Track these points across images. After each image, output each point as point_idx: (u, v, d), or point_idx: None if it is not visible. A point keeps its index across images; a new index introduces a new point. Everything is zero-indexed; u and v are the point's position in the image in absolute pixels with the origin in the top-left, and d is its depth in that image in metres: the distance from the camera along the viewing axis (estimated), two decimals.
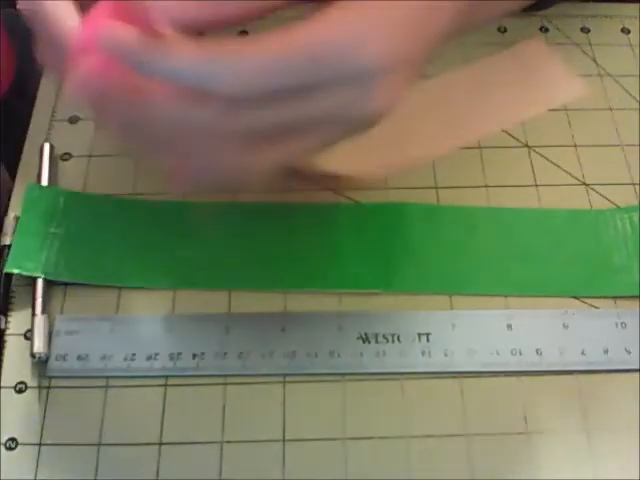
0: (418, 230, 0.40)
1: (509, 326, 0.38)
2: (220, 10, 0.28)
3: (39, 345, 0.36)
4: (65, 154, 0.43)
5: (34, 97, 0.46)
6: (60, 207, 0.40)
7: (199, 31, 0.28)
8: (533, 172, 0.43)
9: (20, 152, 0.43)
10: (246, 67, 0.26)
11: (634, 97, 0.46)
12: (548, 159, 0.43)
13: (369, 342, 0.37)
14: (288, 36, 0.26)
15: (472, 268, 0.39)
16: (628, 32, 0.49)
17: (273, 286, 0.39)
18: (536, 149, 0.43)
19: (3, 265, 0.38)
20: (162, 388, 0.36)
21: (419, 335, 0.37)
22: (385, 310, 0.38)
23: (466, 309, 0.38)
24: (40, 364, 0.36)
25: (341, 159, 0.35)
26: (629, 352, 0.37)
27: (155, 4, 0.26)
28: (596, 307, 0.38)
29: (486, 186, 0.42)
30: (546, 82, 0.44)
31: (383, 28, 0.27)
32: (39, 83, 0.46)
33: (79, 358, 0.36)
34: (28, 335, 0.37)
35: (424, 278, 0.39)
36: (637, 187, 0.42)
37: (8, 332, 0.38)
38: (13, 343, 0.37)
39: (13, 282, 0.39)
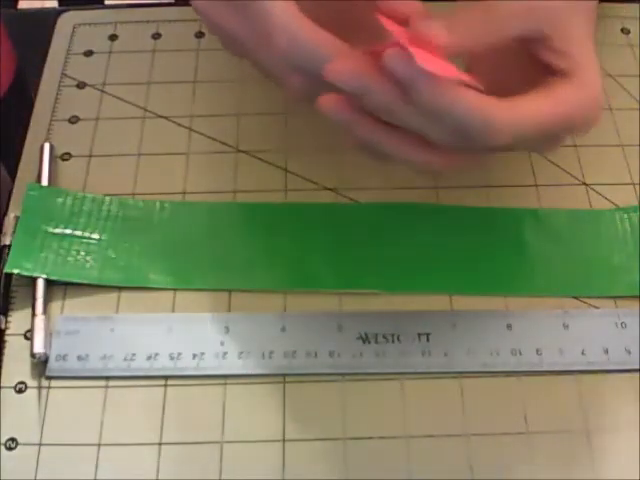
0: (418, 230, 0.40)
1: (509, 326, 0.38)
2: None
3: (39, 345, 0.36)
4: (65, 154, 0.43)
5: (34, 97, 0.46)
6: (60, 207, 0.40)
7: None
8: (533, 172, 0.43)
9: (20, 152, 0.43)
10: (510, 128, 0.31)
11: (634, 97, 0.46)
12: (548, 159, 0.43)
13: (369, 342, 0.37)
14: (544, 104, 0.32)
15: (472, 268, 0.39)
16: (628, 32, 0.49)
17: (273, 286, 0.39)
18: None
19: (3, 265, 0.38)
20: (162, 388, 0.36)
21: (419, 335, 0.37)
22: (385, 310, 0.38)
23: (466, 309, 0.38)
24: (40, 364, 0.36)
25: None
26: (629, 352, 0.37)
27: (440, 33, 0.30)
28: (596, 307, 0.38)
29: (486, 186, 0.42)
30: None
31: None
32: (39, 83, 0.46)
33: (79, 358, 0.36)
34: (28, 335, 0.37)
35: (424, 278, 0.39)
36: (637, 187, 0.42)
37: (8, 332, 0.38)
38: (13, 343, 0.37)
39: (13, 282, 0.39)
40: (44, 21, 0.49)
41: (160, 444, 0.35)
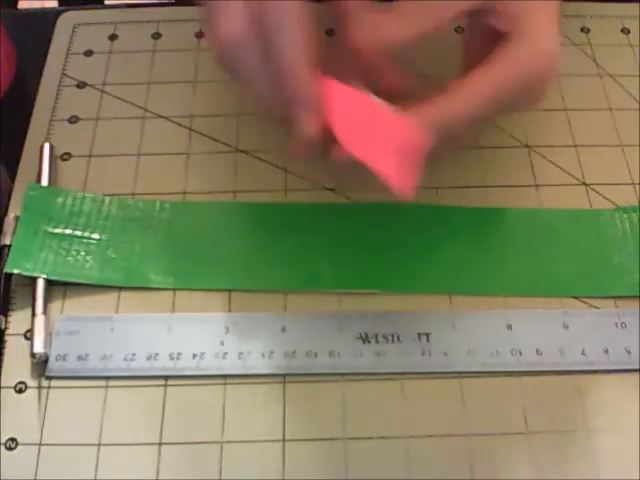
0: (417, 230, 0.40)
1: (509, 326, 0.38)
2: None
3: (39, 345, 0.36)
4: (65, 154, 0.43)
5: (34, 97, 0.46)
6: (60, 207, 0.40)
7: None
8: (533, 172, 0.43)
9: (20, 152, 0.43)
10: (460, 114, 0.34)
11: (634, 97, 0.46)
12: (548, 159, 0.43)
13: (369, 342, 0.37)
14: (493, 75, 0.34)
15: (472, 268, 0.39)
16: (628, 32, 0.49)
17: (273, 286, 0.39)
18: (536, 149, 0.43)
19: (3, 265, 0.38)
20: (162, 388, 0.36)
21: (419, 335, 0.37)
22: (385, 310, 0.38)
23: (466, 309, 0.38)
24: (40, 364, 0.36)
25: None
26: (629, 352, 0.37)
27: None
28: (596, 307, 0.38)
29: (486, 186, 0.42)
30: None
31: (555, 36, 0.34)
32: (39, 83, 0.46)
33: (79, 358, 0.36)
34: (28, 335, 0.37)
35: (424, 278, 0.39)
36: (637, 187, 0.42)
37: (8, 332, 0.38)
38: (13, 343, 0.37)
39: (13, 282, 0.39)
40: (44, 21, 0.49)
41: (160, 444, 0.35)
